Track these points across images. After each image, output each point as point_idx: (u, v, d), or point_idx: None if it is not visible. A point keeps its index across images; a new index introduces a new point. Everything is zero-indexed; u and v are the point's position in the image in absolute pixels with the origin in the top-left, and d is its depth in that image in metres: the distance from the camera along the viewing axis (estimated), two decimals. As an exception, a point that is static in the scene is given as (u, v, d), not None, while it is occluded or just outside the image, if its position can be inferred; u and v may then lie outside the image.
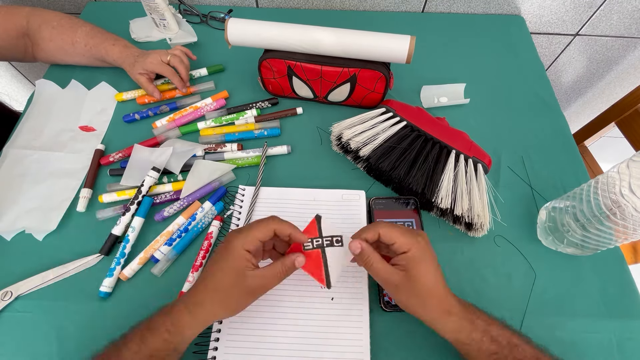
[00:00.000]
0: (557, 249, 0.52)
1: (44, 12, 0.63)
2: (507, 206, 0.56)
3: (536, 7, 0.82)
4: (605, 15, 0.83)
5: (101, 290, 0.48)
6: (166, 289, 0.48)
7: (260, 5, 0.83)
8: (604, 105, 1.01)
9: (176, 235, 0.52)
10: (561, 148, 0.63)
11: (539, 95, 0.69)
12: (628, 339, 0.46)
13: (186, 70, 0.64)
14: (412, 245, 0.38)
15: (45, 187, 0.57)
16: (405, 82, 0.68)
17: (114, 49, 0.63)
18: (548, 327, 0.47)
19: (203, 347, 0.44)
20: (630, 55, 0.94)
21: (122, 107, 0.66)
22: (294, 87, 0.63)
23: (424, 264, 0.38)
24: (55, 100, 0.66)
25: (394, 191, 0.57)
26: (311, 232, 0.42)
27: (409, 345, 0.46)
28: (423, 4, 0.82)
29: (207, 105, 0.65)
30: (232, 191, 0.57)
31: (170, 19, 0.73)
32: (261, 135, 0.62)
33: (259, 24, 0.56)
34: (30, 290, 0.48)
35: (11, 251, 0.52)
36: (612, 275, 0.51)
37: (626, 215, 0.39)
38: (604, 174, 0.43)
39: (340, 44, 0.55)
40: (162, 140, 0.61)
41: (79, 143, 0.62)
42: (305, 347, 0.45)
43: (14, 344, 0.45)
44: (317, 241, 0.41)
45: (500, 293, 0.49)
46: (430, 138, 0.54)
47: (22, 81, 1.10)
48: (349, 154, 0.59)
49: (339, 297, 0.47)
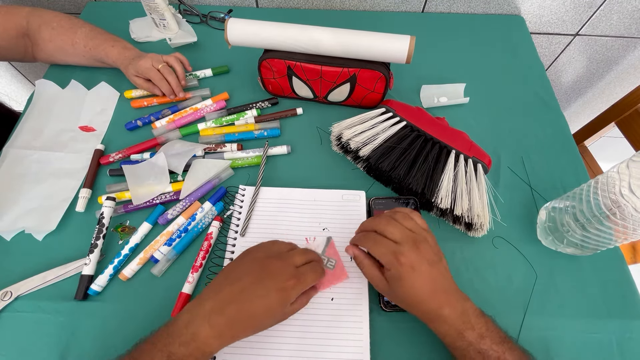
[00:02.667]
0: (557, 249, 0.52)
1: (44, 12, 0.63)
2: (507, 206, 0.56)
3: (536, 7, 0.82)
4: (605, 15, 0.83)
5: (91, 288, 0.48)
6: (166, 290, 0.48)
7: (260, 5, 0.83)
8: (604, 105, 1.01)
9: (176, 235, 0.52)
10: (561, 148, 0.63)
11: (539, 95, 0.69)
12: (628, 339, 0.46)
13: (176, 81, 0.63)
14: (392, 266, 0.39)
15: (45, 187, 0.57)
16: (405, 82, 0.68)
17: (113, 50, 0.63)
18: (548, 327, 0.47)
19: (203, 347, 0.44)
20: (630, 55, 0.94)
21: (122, 107, 0.66)
22: (294, 87, 0.63)
23: (403, 281, 0.39)
24: (55, 100, 0.66)
25: (393, 191, 0.57)
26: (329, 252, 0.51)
27: (409, 345, 0.46)
28: (423, 4, 0.82)
29: (207, 107, 0.65)
30: (232, 191, 0.57)
31: (170, 19, 0.73)
32: (261, 135, 0.62)
33: (258, 24, 0.56)
34: (30, 290, 0.48)
35: (11, 251, 0.52)
36: (612, 275, 0.51)
37: (626, 215, 0.39)
38: (603, 174, 0.43)
39: (340, 44, 0.55)
40: (163, 141, 0.61)
41: (78, 143, 0.62)
42: (305, 347, 0.45)
43: (13, 344, 0.45)
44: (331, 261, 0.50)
45: (500, 293, 0.49)
46: (430, 138, 0.54)
47: (22, 81, 1.10)
48: (348, 154, 0.59)
49: (339, 297, 0.47)
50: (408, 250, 0.39)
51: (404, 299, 0.41)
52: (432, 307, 0.40)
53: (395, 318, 0.47)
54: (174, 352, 0.35)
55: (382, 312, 0.47)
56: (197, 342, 0.35)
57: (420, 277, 0.39)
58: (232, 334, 0.37)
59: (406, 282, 0.39)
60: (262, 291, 0.38)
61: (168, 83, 0.63)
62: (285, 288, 0.38)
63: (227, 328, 0.37)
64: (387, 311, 0.47)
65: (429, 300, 0.40)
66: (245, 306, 0.37)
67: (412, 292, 0.39)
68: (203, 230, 0.53)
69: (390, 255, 0.39)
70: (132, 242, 0.51)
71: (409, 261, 0.39)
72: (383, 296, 0.47)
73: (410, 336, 0.46)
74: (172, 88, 0.64)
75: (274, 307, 0.38)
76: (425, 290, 0.39)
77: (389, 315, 0.47)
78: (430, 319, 0.40)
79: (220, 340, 0.37)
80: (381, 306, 0.47)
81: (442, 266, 0.41)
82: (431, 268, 0.40)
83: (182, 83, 0.65)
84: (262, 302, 0.38)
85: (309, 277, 0.41)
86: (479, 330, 0.38)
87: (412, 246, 0.40)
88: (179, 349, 0.35)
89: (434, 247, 0.42)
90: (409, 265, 0.39)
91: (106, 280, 0.49)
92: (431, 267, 0.40)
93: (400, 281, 0.39)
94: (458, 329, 0.38)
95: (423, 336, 0.46)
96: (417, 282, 0.39)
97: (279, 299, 0.38)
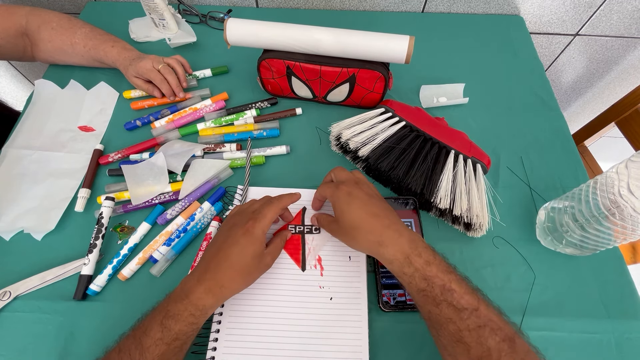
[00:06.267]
0: (556, 249, 0.52)
1: (44, 12, 0.63)
2: (506, 206, 0.56)
3: (536, 7, 0.82)
4: (605, 15, 0.83)
5: (90, 288, 0.48)
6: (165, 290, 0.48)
7: (260, 5, 0.83)
8: (604, 105, 1.01)
9: (175, 235, 0.52)
10: (560, 148, 0.63)
11: (539, 95, 0.69)
12: (627, 339, 0.46)
13: (176, 81, 0.63)
14: (333, 192, 0.45)
15: (44, 187, 0.57)
16: (405, 82, 0.68)
17: (113, 50, 0.63)
18: (547, 327, 0.47)
19: (202, 347, 0.44)
20: (630, 55, 0.94)
21: (122, 107, 0.66)
22: (293, 87, 0.63)
23: (344, 205, 0.44)
24: (55, 100, 0.66)
25: (393, 191, 0.57)
26: (296, 221, 0.53)
27: (408, 345, 0.46)
28: (423, 4, 0.82)
29: (206, 107, 0.65)
30: (231, 191, 0.57)
31: (169, 19, 0.73)
32: (260, 135, 0.62)
33: (258, 24, 0.56)
34: (29, 290, 0.48)
35: (10, 251, 0.52)
36: (611, 275, 0.51)
37: (625, 216, 0.39)
38: (602, 175, 0.43)
39: (340, 44, 0.55)
40: (162, 141, 0.61)
41: (78, 143, 0.62)
42: (303, 347, 0.45)
43: (12, 344, 0.45)
44: (299, 228, 0.52)
45: (500, 293, 0.49)
46: (429, 138, 0.54)
47: (22, 81, 1.10)
48: (348, 154, 0.59)
49: (337, 297, 0.47)
50: (348, 184, 0.45)
51: (347, 225, 0.43)
52: (375, 228, 0.42)
53: (394, 318, 0.47)
54: (169, 309, 0.39)
55: (381, 312, 0.47)
56: (189, 298, 0.39)
57: (358, 200, 0.44)
58: (221, 285, 0.41)
59: (345, 207, 0.43)
60: (231, 240, 0.43)
61: (168, 84, 0.63)
62: (248, 228, 0.43)
63: (213, 281, 0.40)
64: (385, 311, 0.47)
65: (371, 222, 0.42)
66: (222, 257, 0.42)
67: (353, 216, 0.43)
68: (202, 230, 0.53)
69: (333, 188, 0.46)
70: (131, 242, 0.51)
71: (347, 188, 0.45)
72: (382, 296, 0.47)
73: (409, 336, 0.46)
74: (172, 88, 0.64)
75: (246, 250, 0.42)
76: (365, 212, 0.43)
77: (388, 315, 0.47)
78: (378, 242, 0.41)
79: (211, 294, 0.40)
80: (380, 306, 0.47)
81: (382, 201, 0.46)
82: (369, 197, 0.44)
83: (182, 85, 0.65)
84: (234, 249, 0.42)
85: (265, 211, 0.44)
86: (425, 257, 0.39)
87: (352, 182, 0.46)
88: (175, 306, 0.39)
89: (374, 190, 0.48)
90: (346, 191, 0.44)
91: (105, 280, 0.49)
92: (370, 197, 0.44)
93: (342, 205, 0.44)
94: (405, 253, 0.40)
95: (422, 336, 0.46)
96: (354, 205, 0.43)
97: (247, 241, 0.42)
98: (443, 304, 0.37)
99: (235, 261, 0.42)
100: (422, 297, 0.38)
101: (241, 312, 0.46)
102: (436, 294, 0.37)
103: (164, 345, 0.37)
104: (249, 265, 0.42)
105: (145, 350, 0.36)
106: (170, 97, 0.65)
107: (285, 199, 0.47)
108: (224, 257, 0.42)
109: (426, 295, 0.38)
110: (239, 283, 0.43)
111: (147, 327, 0.38)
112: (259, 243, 0.43)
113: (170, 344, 0.37)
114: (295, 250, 0.50)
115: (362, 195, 0.44)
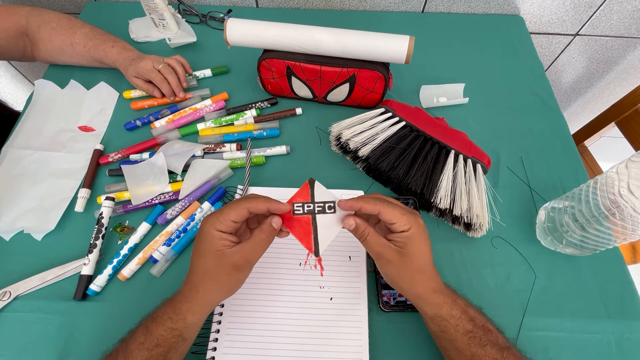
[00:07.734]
0: (556, 249, 0.51)
1: (44, 12, 0.63)
2: (506, 206, 0.56)
3: (536, 7, 0.82)
4: (605, 15, 0.83)
5: (90, 288, 0.48)
6: (165, 290, 0.48)
7: (260, 5, 0.83)
8: (604, 105, 1.01)
9: (175, 235, 0.52)
10: (560, 148, 0.63)
11: (539, 95, 0.69)
12: (627, 339, 0.46)
13: (176, 80, 0.64)
14: (412, 224, 0.38)
15: (44, 187, 0.57)
16: (405, 82, 0.68)
17: (113, 50, 0.63)
18: (547, 327, 0.47)
19: (202, 347, 0.44)
20: (630, 55, 0.94)
21: (121, 107, 0.66)
22: (293, 87, 0.63)
23: (420, 242, 0.39)
24: (55, 100, 0.66)
25: (393, 191, 0.57)
26: (303, 197, 0.40)
27: (408, 345, 0.46)
28: (423, 4, 0.82)
29: (206, 107, 0.65)
30: (231, 191, 0.57)
31: (169, 19, 0.73)
32: (260, 135, 0.62)
33: (258, 24, 0.56)
34: (29, 290, 0.48)
35: (10, 251, 0.52)
36: (611, 275, 0.51)
37: (625, 216, 0.39)
38: (602, 175, 0.43)
39: (340, 44, 0.55)
40: (162, 141, 0.61)
41: (78, 143, 0.62)
42: (304, 347, 0.45)
43: (12, 344, 0.45)
44: (309, 206, 0.40)
45: (500, 293, 0.49)
46: (429, 138, 0.54)
47: (22, 81, 1.10)
48: (348, 154, 0.59)
49: (337, 297, 0.47)
50: (418, 214, 0.40)
51: (415, 265, 0.39)
52: (434, 275, 0.40)
53: (394, 318, 0.47)
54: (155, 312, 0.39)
55: (381, 312, 0.47)
56: (173, 300, 0.39)
57: (428, 241, 0.40)
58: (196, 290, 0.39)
59: (421, 244, 0.39)
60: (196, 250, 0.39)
61: (168, 84, 0.63)
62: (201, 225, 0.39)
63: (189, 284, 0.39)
64: (386, 311, 0.47)
65: (431, 268, 0.40)
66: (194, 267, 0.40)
67: (422, 256, 0.39)
68: (202, 230, 0.53)
69: (409, 214, 0.38)
70: (131, 242, 0.51)
71: (422, 222, 0.40)
72: (382, 296, 0.47)
73: (409, 336, 0.46)
74: (173, 88, 0.64)
75: (200, 248, 0.38)
76: (428, 256, 0.40)
77: (388, 315, 0.47)
78: (433, 289, 0.40)
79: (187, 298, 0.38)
80: (380, 306, 0.47)
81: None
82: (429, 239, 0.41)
83: (183, 85, 0.65)
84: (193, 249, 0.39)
85: (226, 208, 0.38)
86: (463, 300, 0.40)
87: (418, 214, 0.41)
88: (160, 309, 0.39)
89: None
90: (423, 225, 0.39)
91: (105, 280, 0.49)
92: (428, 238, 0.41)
93: (419, 242, 0.38)
94: (452, 297, 0.40)
95: (422, 336, 0.46)
96: (426, 245, 0.39)
97: (198, 239, 0.39)
98: (487, 346, 0.37)
99: (195, 263, 0.39)
100: (469, 339, 0.37)
101: (241, 312, 0.46)
102: (481, 336, 0.37)
103: (146, 351, 0.36)
104: (209, 266, 0.38)
105: (129, 355, 0.36)
106: (170, 97, 0.65)
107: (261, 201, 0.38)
108: (191, 261, 0.40)
109: (473, 337, 0.37)
110: (210, 287, 0.39)
111: (134, 331, 0.38)
112: (212, 241, 0.37)
113: (152, 350, 0.36)
114: (307, 234, 0.39)
115: (428, 235, 0.40)
